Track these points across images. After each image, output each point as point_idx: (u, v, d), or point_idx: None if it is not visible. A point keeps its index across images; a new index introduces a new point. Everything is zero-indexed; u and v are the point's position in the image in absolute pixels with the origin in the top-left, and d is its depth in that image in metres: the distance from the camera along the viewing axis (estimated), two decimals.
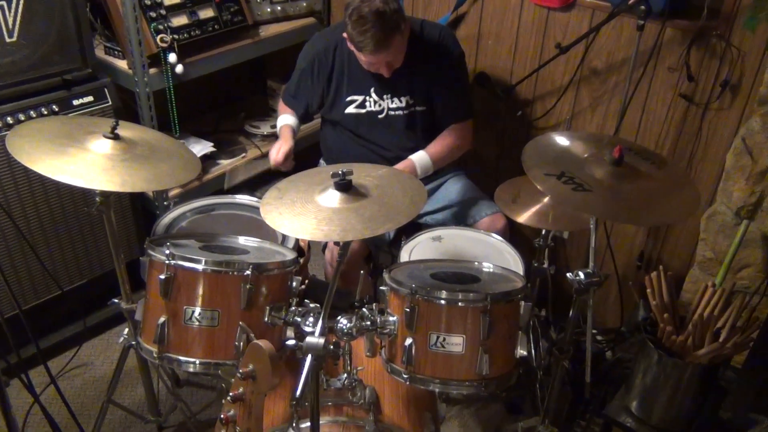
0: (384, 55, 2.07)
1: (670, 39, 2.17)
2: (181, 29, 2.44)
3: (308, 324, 1.57)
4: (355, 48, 2.07)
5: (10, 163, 2.14)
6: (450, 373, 1.57)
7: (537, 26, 2.45)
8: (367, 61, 2.12)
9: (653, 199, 1.53)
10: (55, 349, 2.50)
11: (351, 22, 2.01)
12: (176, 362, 1.59)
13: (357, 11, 1.99)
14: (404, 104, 2.27)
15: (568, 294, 2.74)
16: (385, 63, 2.11)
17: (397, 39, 2.05)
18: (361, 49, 2.05)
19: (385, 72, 2.15)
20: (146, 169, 1.66)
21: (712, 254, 2.19)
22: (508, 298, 1.60)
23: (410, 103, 2.27)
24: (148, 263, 1.64)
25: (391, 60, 2.11)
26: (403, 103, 2.27)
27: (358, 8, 1.99)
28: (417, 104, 2.28)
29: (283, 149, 2.25)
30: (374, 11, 1.97)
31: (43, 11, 2.12)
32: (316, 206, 1.44)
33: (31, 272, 2.31)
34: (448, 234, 2.16)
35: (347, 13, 2.02)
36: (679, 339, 1.87)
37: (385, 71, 2.15)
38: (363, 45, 2.02)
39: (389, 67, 2.14)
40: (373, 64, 2.13)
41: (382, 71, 2.15)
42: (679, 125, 2.26)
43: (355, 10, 1.99)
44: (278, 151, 2.25)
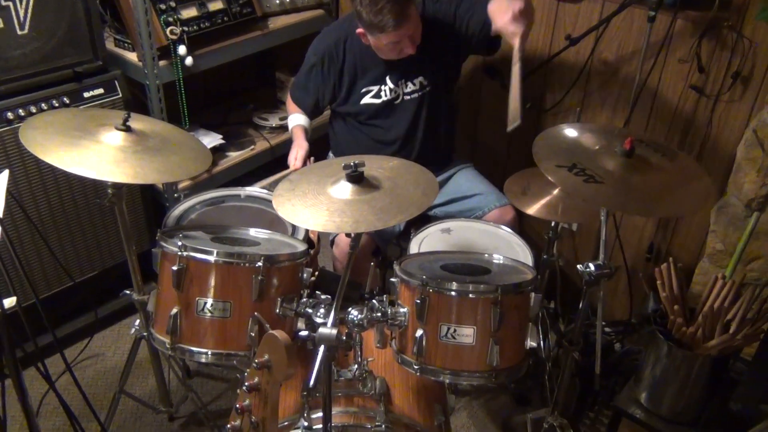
0: (406, 27, 2.03)
1: (681, 30, 2.16)
2: (191, 21, 2.44)
3: (319, 315, 1.58)
4: (377, 32, 2.04)
5: (22, 156, 2.15)
6: (460, 364, 1.58)
7: (547, 18, 2.44)
8: (390, 43, 2.07)
9: (665, 191, 1.53)
10: (67, 340, 2.52)
11: (364, 8, 2.00)
12: (188, 353, 1.60)
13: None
14: (418, 86, 2.27)
15: (577, 286, 2.75)
16: (408, 38, 2.08)
17: (413, 9, 2.03)
18: (383, 30, 2.01)
19: (411, 48, 2.11)
20: (158, 161, 1.67)
21: (722, 246, 2.18)
22: (519, 289, 1.60)
23: (423, 84, 2.27)
24: (160, 255, 1.65)
25: (413, 32, 2.08)
26: (417, 85, 2.27)
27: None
28: (429, 84, 2.28)
29: (300, 154, 2.27)
30: None
31: (54, 4, 2.13)
32: (328, 198, 1.45)
33: (43, 264, 2.33)
34: (458, 226, 2.16)
35: (356, 3, 2.02)
36: (689, 331, 1.87)
37: (410, 47, 2.10)
38: (384, 24, 1.99)
39: (413, 41, 2.10)
40: (397, 44, 2.08)
41: (407, 50, 2.11)
42: (690, 117, 2.25)
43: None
44: (296, 158, 2.26)
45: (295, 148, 2.30)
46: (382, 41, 2.08)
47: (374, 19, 2.00)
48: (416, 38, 2.12)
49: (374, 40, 2.10)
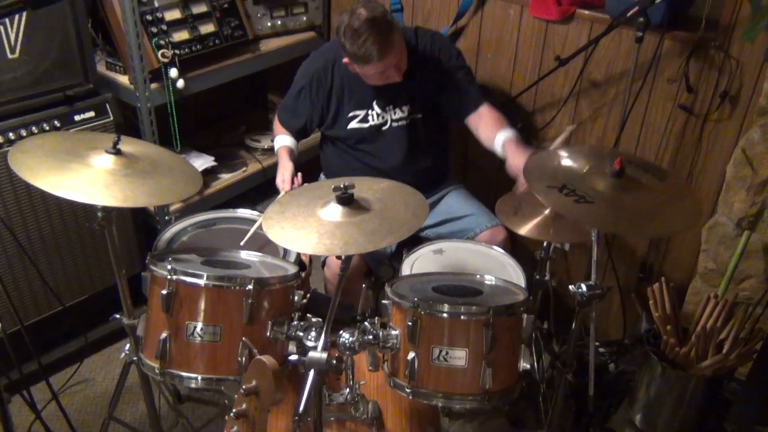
0: (390, 57, 2.05)
1: (668, 50, 2.18)
2: (183, 44, 2.45)
3: (310, 338, 1.57)
4: (362, 63, 2.05)
5: (11, 179, 2.14)
6: (453, 387, 1.57)
7: (536, 39, 2.46)
8: (377, 72, 2.09)
9: (655, 211, 1.53)
10: (56, 365, 2.49)
11: (348, 39, 2.01)
12: (178, 378, 1.59)
13: (349, 27, 1.99)
14: (405, 114, 2.27)
15: (570, 306, 2.73)
16: (393, 66, 2.09)
17: (396, 36, 2.05)
18: (368, 61, 2.03)
19: (397, 76, 2.13)
20: (148, 184, 1.66)
21: (713, 265, 2.19)
22: (511, 311, 1.59)
23: (410, 111, 2.28)
24: (150, 278, 1.64)
25: (398, 60, 2.10)
26: (405, 112, 2.27)
27: (349, 24, 1.99)
28: (416, 112, 2.28)
29: (286, 176, 2.22)
30: (365, 20, 1.98)
31: (45, 27, 2.13)
32: (318, 220, 1.44)
33: (32, 288, 2.31)
34: (450, 247, 2.16)
35: (340, 33, 2.03)
36: (683, 351, 1.86)
37: (396, 76, 2.12)
38: (368, 55, 2.01)
39: (398, 69, 2.12)
40: (383, 74, 2.10)
41: (393, 78, 2.13)
42: (679, 136, 2.26)
43: (346, 27, 2.00)
44: (283, 180, 2.21)
45: (281, 170, 2.27)
46: (369, 71, 2.10)
47: (358, 51, 2.01)
48: (402, 66, 2.13)
49: (360, 69, 2.11)
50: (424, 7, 2.72)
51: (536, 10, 2.41)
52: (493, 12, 2.54)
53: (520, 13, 2.47)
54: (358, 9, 2.01)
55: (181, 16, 2.47)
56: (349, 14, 2.02)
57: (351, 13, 2.01)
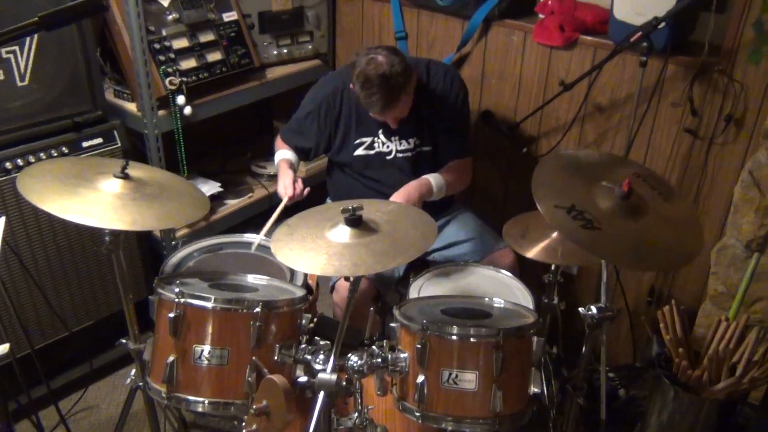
0: (391, 113, 2.11)
1: (672, 75, 2.20)
2: (190, 72, 2.48)
3: (318, 362, 1.56)
4: (363, 106, 2.10)
5: (19, 205, 2.15)
6: (463, 411, 1.55)
7: (540, 65, 2.49)
8: (375, 115, 2.16)
9: (658, 242, 1.51)
10: (61, 392, 2.46)
11: (358, 83, 2.02)
12: (185, 402, 1.57)
13: (363, 74, 2.00)
14: (412, 146, 2.28)
15: (578, 331, 2.71)
16: (392, 117, 2.15)
17: (402, 98, 2.07)
18: (369, 108, 2.09)
19: (392, 124, 2.19)
20: (156, 208, 1.67)
21: (723, 288, 2.17)
22: (521, 333, 1.58)
23: (417, 144, 2.29)
24: (157, 302, 1.63)
25: (398, 115, 2.15)
26: (411, 144, 2.28)
27: (364, 71, 1.99)
28: (423, 144, 2.29)
29: (287, 181, 2.20)
30: (380, 75, 1.98)
31: (55, 55, 2.16)
32: (327, 242, 1.44)
33: (38, 313, 2.30)
34: (457, 270, 2.15)
35: (354, 72, 2.03)
36: (695, 374, 1.84)
37: (392, 123, 2.19)
38: (371, 105, 2.05)
39: (395, 120, 2.18)
40: (380, 116, 2.17)
41: (389, 122, 2.19)
42: (685, 159, 2.27)
43: (361, 72, 2.00)
44: (285, 186, 2.20)
45: (281, 178, 2.25)
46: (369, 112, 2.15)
47: (364, 98, 2.04)
48: (402, 115, 2.17)
49: None
50: (428, 34, 2.76)
51: (540, 36, 2.43)
52: (497, 39, 2.57)
53: (524, 39, 2.50)
54: (379, 57, 2.01)
55: (189, 44, 2.51)
56: (367, 58, 2.01)
57: (370, 60, 2.00)
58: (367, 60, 2.01)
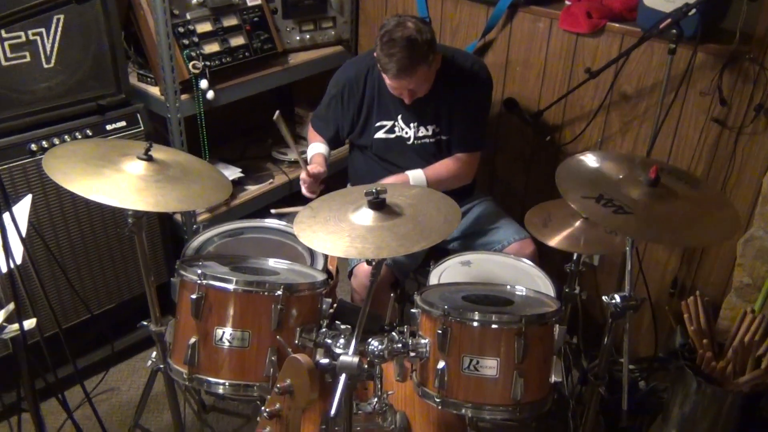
0: (406, 81, 2.07)
1: (701, 63, 2.15)
2: (213, 56, 2.48)
3: (339, 346, 1.55)
4: (381, 69, 2.08)
5: (44, 186, 2.16)
6: (483, 398, 1.54)
7: (565, 52, 2.45)
8: (390, 84, 2.12)
9: (691, 220, 1.50)
10: (83, 373, 2.49)
11: (381, 43, 2.01)
12: (206, 384, 1.58)
13: (389, 34, 2.00)
14: (431, 132, 2.26)
15: (599, 322, 2.70)
16: (407, 90, 2.11)
17: (422, 69, 2.04)
18: (384, 72, 2.06)
19: (407, 99, 2.15)
20: (178, 190, 1.67)
21: (749, 280, 2.13)
22: (543, 320, 1.56)
23: (436, 131, 2.27)
24: (179, 284, 1.64)
25: (414, 88, 2.11)
26: (430, 131, 2.26)
27: (391, 31, 2.00)
28: (442, 133, 2.27)
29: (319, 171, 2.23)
30: (406, 37, 1.97)
31: (80, 39, 2.17)
32: (350, 224, 1.44)
33: (61, 295, 2.32)
34: (478, 258, 2.14)
35: (380, 33, 2.03)
36: (719, 366, 1.81)
37: (406, 98, 2.14)
38: (387, 68, 2.03)
39: (411, 94, 2.14)
40: (395, 88, 2.13)
41: (403, 97, 2.15)
42: (712, 150, 2.23)
43: (387, 32, 2.00)
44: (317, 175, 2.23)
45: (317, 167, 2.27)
46: (384, 77, 2.12)
47: (383, 58, 2.03)
48: (417, 93, 2.14)
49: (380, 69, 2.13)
50: (452, 20, 2.73)
51: (566, 23, 2.40)
52: (522, 25, 2.54)
53: (550, 26, 2.46)
54: (408, 22, 2.01)
55: (212, 28, 2.51)
56: (397, 21, 2.02)
57: (399, 23, 2.01)
58: (396, 22, 2.01)
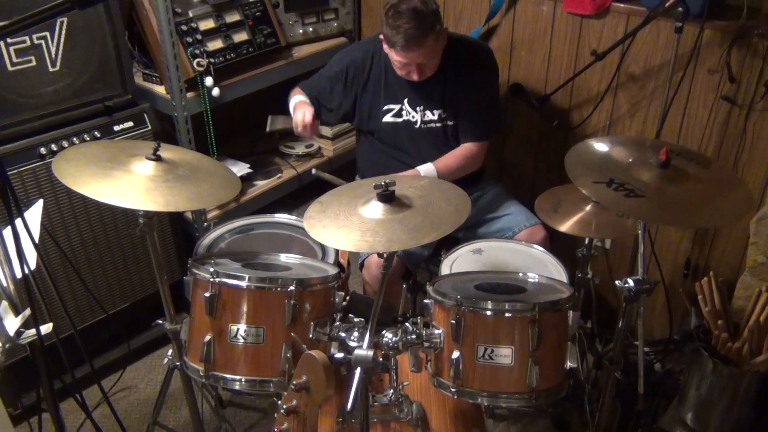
0: (415, 54, 2.04)
1: (709, 40, 2.13)
2: (217, 53, 2.48)
3: (353, 339, 1.56)
4: (388, 44, 2.06)
5: (54, 189, 2.18)
6: (499, 386, 1.54)
7: (571, 34, 2.43)
8: (399, 61, 2.08)
9: (704, 201, 1.49)
10: (100, 373, 2.51)
11: (387, 18, 2.01)
12: (222, 380, 1.59)
13: (395, 7, 1.99)
14: (437, 117, 2.25)
15: (612, 305, 2.69)
16: (416, 65, 2.08)
17: (430, 40, 2.03)
18: (392, 45, 2.03)
19: (416, 75, 2.11)
20: (188, 189, 1.67)
21: (764, 259, 2.12)
22: (556, 307, 1.56)
23: (443, 116, 2.25)
24: (192, 282, 1.65)
25: (423, 62, 2.09)
26: (436, 116, 2.25)
27: (397, 5, 1.99)
28: (448, 118, 2.26)
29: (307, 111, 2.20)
30: (412, 8, 1.97)
31: (85, 41, 2.17)
32: (360, 218, 1.43)
33: (75, 296, 2.34)
34: (489, 246, 2.13)
35: (385, 9, 2.02)
36: (735, 346, 1.81)
37: (415, 74, 2.11)
38: (395, 41, 2.01)
39: (420, 70, 2.10)
40: (405, 65, 2.10)
41: (412, 75, 2.12)
42: (722, 128, 2.21)
43: (393, 6, 2.00)
44: (303, 114, 2.19)
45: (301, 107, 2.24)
46: (392, 55, 2.10)
47: (390, 32, 2.02)
48: (426, 69, 2.12)
49: (387, 49, 2.11)
50: (455, 7, 2.71)
51: (570, 5, 2.38)
52: (526, 9, 2.52)
53: (554, 9, 2.44)
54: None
55: (215, 25, 2.51)
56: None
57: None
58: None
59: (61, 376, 1.53)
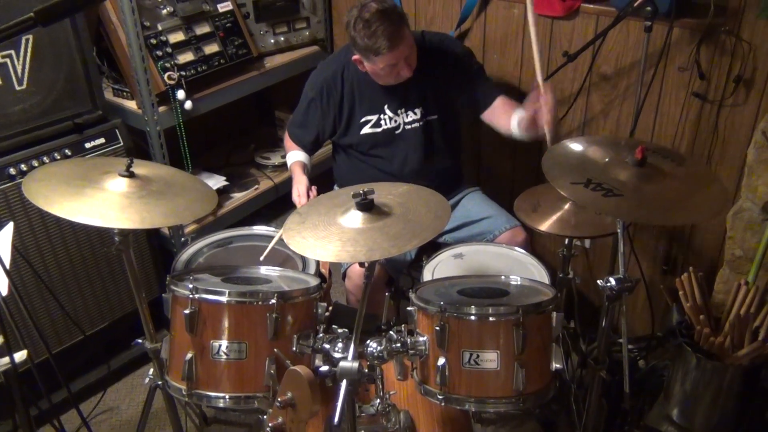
0: (401, 48, 2.03)
1: (678, 38, 2.15)
2: (188, 66, 2.45)
3: (338, 350, 1.54)
4: (372, 55, 2.03)
5: (26, 210, 2.13)
6: (486, 391, 1.54)
7: (542, 36, 2.44)
8: (387, 66, 2.07)
9: (682, 198, 1.50)
10: (80, 395, 2.46)
11: (358, 31, 2.00)
12: (206, 398, 1.56)
13: (360, 19, 2.00)
14: (418, 116, 2.25)
15: (593, 304, 2.70)
16: (404, 60, 2.08)
17: (406, 31, 2.05)
18: (378, 52, 2.01)
19: (407, 71, 2.10)
20: (163, 205, 1.65)
21: (741, 252, 2.14)
22: (540, 309, 1.56)
23: (423, 113, 2.26)
24: (171, 299, 1.62)
25: (409, 54, 2.08)
26: (418, 114, 2.25)
27: (360, 16, 2.00)
28: (429, 113, 2.26)
29: (301, 190, 2.22)
30: (376, 11, 1.99)
31: (51, 57, 2.13)
32: (340, 228, 1.42)
33: (52, 318, 2.29)
34: (470, 250, 2.13)
35: (351, 26, 2.02)
36: (718, 340, 1.82)
37: (406, 70, 2.10)
38: (378, 45, 1.99)
39: (409, 63, 2.10)
40: (394, 67, 2.08)
41: (404, 72, 2.11)
42: (695, 124, 2.23)
43: (357, 19, 2.00)
44: (299, 195, 2.21)
45: (296, 185, 2.26)
46: (379, 65, 2.07)
47: (369, 42, 2.00)
48: (412, 61, 2.11)
49: (370, 65, 2.09)
50: (426, 13, 2.71)
51: (540, 7, 2.39)
52: (497, 13, 2.53)
53: (524, 12, 2.45)
54: (369, 3, 2.02)
55: (185, 37, 2.48)
56: (359, 8, 2.02)
57: (361, 7, 2.02)
58: (359, 8, 2.02)
59: (38, 401, 1.50)
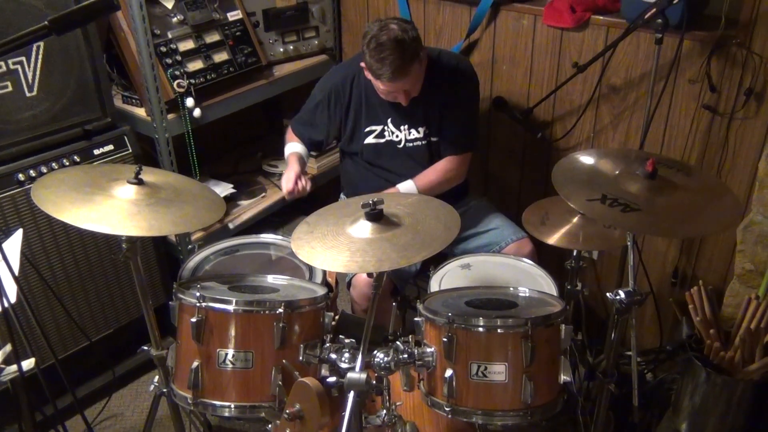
0: (402, 83, 2.05)
1: (689, 51, 2.15)
2: (197, 73, 2.45)
3: (344, 360, 1.53)
4: (373, 76, 2.06)
5: (34, 216, 2.13)
6: (494, 404, 1.52)
7: (551, 47, 2.44)
8: (385, 90, 2.09)
9: (695, 210, 1.49)
10: (85, 401, 2.46)
11: (369, 50, 2.00)
12: (211, 407, 1.55)
13: (375, 39, 1.98)
14: (422, 135, 2.25)
15: (601, 317, 2.68)
16: (402, 91, 2.09)
17: (415, 67, 2.04)
18: (378, 77, 2.03)
19: (403, 100, 2.13)
20: (172, 213, 1.65)
21: (751, 266, 2.12)
22: (549, 321, 1.55)
23: (426, 133, 2.25)
24: (178, 307, 1.62)
25: (409, 88, 2.10)
26: (421, 133, 2.25)
27: (377, 36, 1.98)
28: (432, 135, 2.26)
29: (290, 176, 2.19)
30: (393, 39, 1.96)
31: (62, 64, 2.14)
32: (348, 238, 1.41)
33: (58, 324, 2.29)
34: (477, 261, 2.12)
35: (365, 41, 2.02)
36: (728, 355, 1.80)
37: (402, 99, 2.12)
38: (381, 73, 2.00)
39: (407, 95, 2.12)
40: (390, 93, 2.11)
41: (399, 99, 2.13)
42: (705, 137, 2.22)
43: (373, 38, 1.99)
44: (287, 180, 2.19)
45: (286, 171, 2.24)
46: (377, 84, 2.09)
47: (374, 65, 2.01)
48: (412, 93, 2.12)
49: (371, 78, 2.10)
50: (435, 23, 2.72)
51: (550, 18, 2.39)
52: (506, 24, 2.53)
53: (534, 22, 2.45)
54: (392, 24, 2.00)
55: (195, 45, 2.48)
56: (380, 26, 2.01)
57: (382, 26, 2.00)
58: (379, 27, 2.00)
59: (43, 407, 1.49)
